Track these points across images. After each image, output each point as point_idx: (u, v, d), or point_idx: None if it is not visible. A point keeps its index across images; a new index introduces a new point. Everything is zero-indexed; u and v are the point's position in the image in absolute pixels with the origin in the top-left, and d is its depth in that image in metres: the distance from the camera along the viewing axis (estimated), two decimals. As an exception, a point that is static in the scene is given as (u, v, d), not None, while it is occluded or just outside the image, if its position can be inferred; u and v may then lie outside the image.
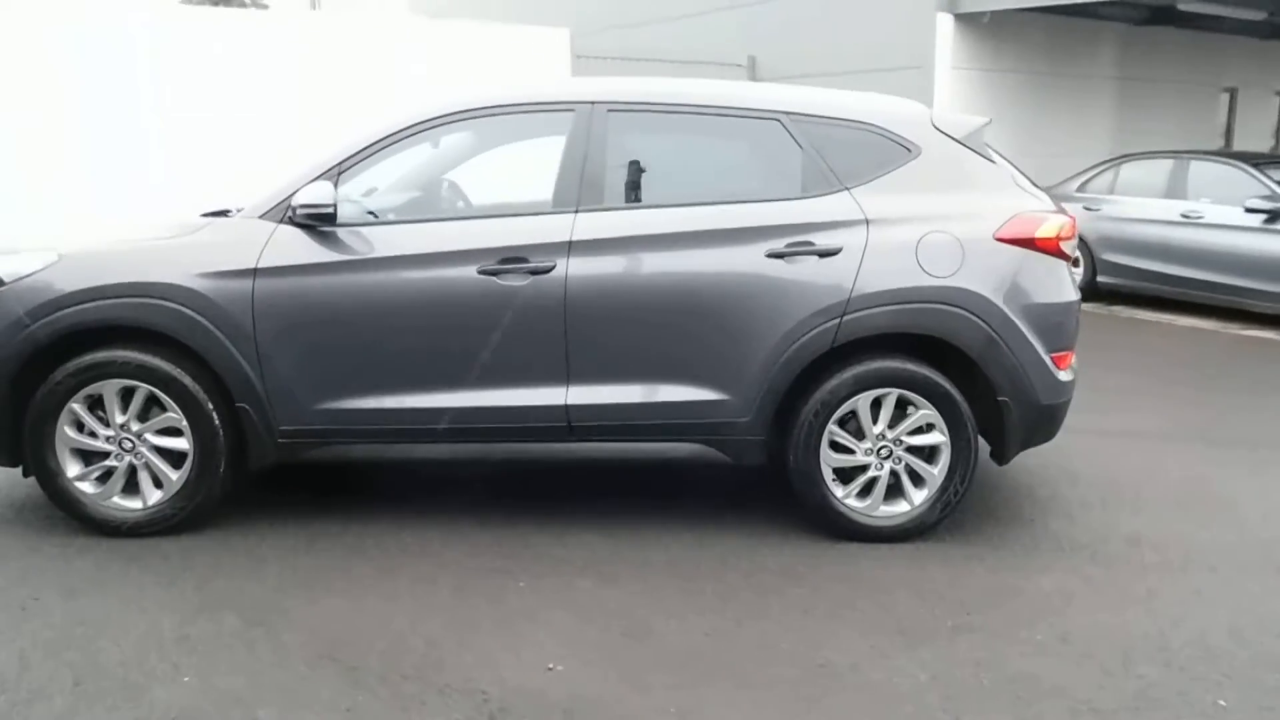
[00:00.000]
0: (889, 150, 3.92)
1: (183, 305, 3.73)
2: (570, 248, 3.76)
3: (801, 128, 3.92)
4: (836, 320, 3.75)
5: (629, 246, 3.81)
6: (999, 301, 3.78)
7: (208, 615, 3.30)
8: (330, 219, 3.72)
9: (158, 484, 3.88)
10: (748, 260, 3.76)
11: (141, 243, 3.96)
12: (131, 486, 3.88)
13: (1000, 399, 3.87)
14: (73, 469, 3.84)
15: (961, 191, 3.93)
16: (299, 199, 3.69)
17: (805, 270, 3.75)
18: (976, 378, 3.85)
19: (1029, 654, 3.12)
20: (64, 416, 3.79)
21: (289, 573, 3.63)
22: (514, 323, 3.76)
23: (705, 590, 3.53)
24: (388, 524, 4.03)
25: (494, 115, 3.98)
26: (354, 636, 3.18)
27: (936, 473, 3.88)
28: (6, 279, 3.81)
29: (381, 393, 3.84)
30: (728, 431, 3.87)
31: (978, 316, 3.78)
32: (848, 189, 3.86)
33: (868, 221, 3.81)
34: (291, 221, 3.75)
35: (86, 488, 3.86)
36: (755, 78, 11.64)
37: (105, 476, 3.87)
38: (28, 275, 3.80)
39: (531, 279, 3.73)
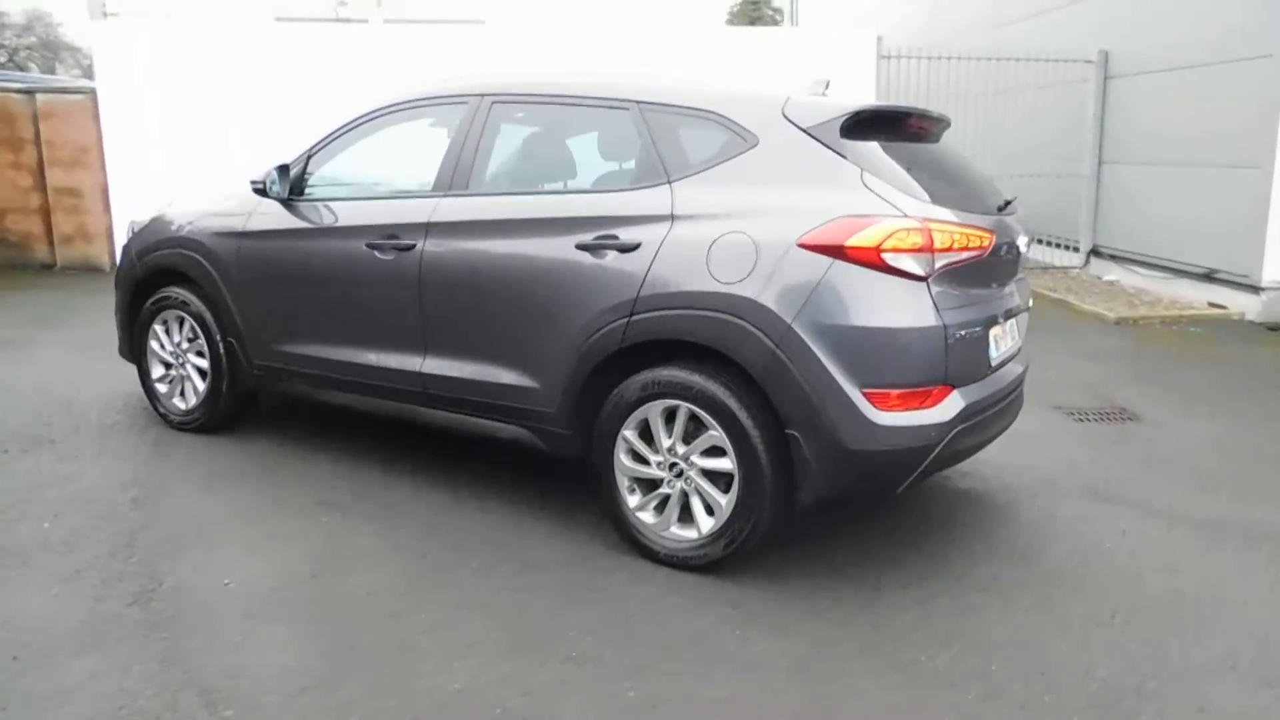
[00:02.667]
0: (728, 141, 3.43)
1: (201, 258, 4.63)
2: (428, 229, 3.92)
3: (650, 117, 3.59)
4: (625, 319, 3.42)
5: (469, 231, 3.85)
6: (787, 316, 3.14)
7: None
8: (263, 193, 4.33)
9: (195, 392, 4.84)
10: (558, 251, 3.59)
11: (196, 206, 4.91)
12: (183, 391, 4.90)
13: (788, 431, 3.20)
14: (157, 371, 4.97)
15: (790, 188, 3.30)
16: (251, 177, 4.36)
17: (607, 265, 3.47)
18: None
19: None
20: (150, 333, 4.93)
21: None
22: (385, 293, 4.04)
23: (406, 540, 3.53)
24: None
25: (415, 108, 4.23)
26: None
27: (724, 504, 3.34)
28: (135, 228, 5.05)
29: (309, 342, 4.38)
30: (538, 420, 3.73)
31: (760, 331, 3.18)
32: (669, 182, 3.47)
33: (673, 217, 3.40)
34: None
35: (161, 387, 4.96)
36: (1108, 74, 9.69)
37: (173, 381, 4.93)
38: (142, 226, 4.99)
39: (397, 255, 3.96)
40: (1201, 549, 3.72)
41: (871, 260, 3.09)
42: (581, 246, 3.52)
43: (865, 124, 3.38)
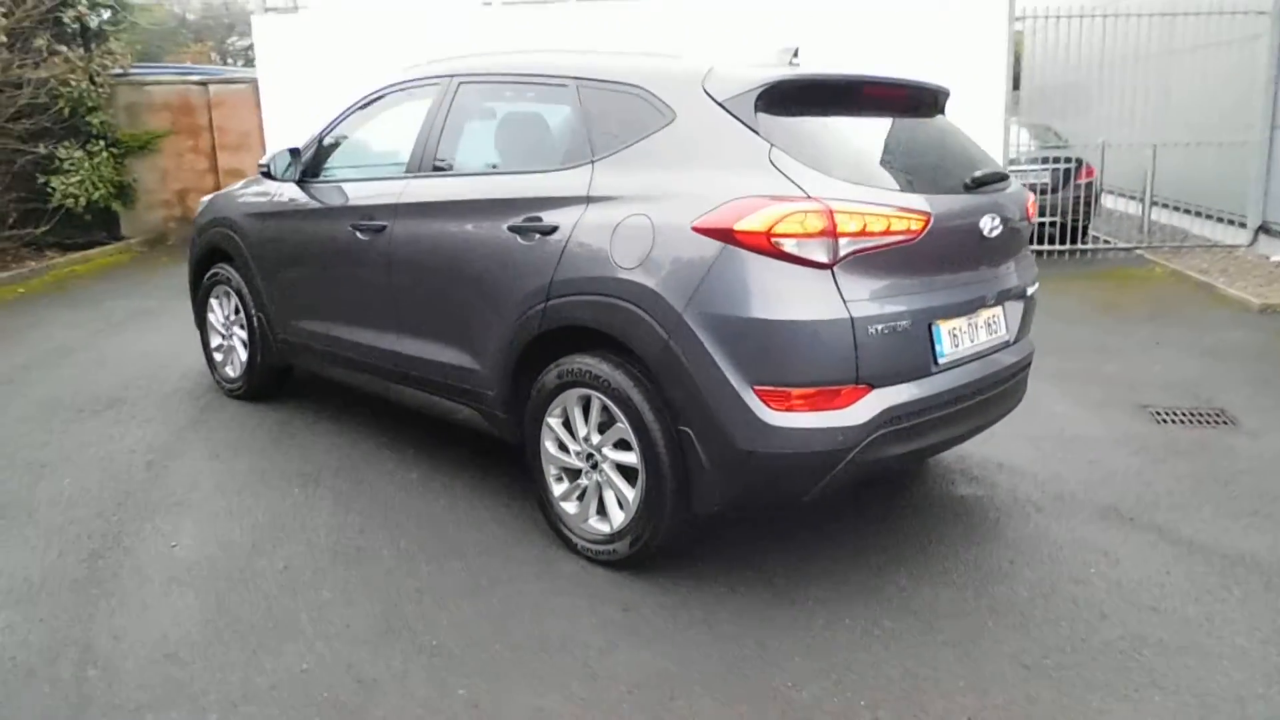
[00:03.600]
0: (649, 117, 3.19)
1: (238, 236, 4.85)
2: (396, 211, 3.90)
3: (586, 94, 3.40)
4: (543, 304, 3.28)
5: (426, 212, 3.80)
6: (678, 305, 2.88)
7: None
8: (268, 174, 4.46)
9: (239, 362, 5.10)
10: (493, 232, 3.47)
11: (239, 187, 5.12)
12: (231, 361, 5.16)
13: (680, 428, 2.95)
14: (214, 341, 5.27)
15: (698, 167, 3.03)
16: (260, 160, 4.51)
17: (532, 248, 3.33)
18: None
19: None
20: (208, 305, 5.24)
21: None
22: (366, 273, 4.08)
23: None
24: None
25: (405, 89, 4.20)
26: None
27: (631, 500, 3.14)
28: (203, 205, 5.37)
29: (313, 319, 4.51)
30: (481, 402, 3.65)
31: (654, 320, 2.94)
32: (593, 162, 3.27)
33: (588, 199, 3.20)
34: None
35: (218, 356, 5.26)
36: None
37: (225, 351, 5.21)
38: (206, 204, 5.30)
39: (372, 236, 3.98)
40: (1202, 590, 3.13)
41: (762, 246, 2.77)
42: (512, 228, 3.39)
43: (790, 96, 3.04)
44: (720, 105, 3.01)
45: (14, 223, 9.69)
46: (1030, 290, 3.57)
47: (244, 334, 4.99)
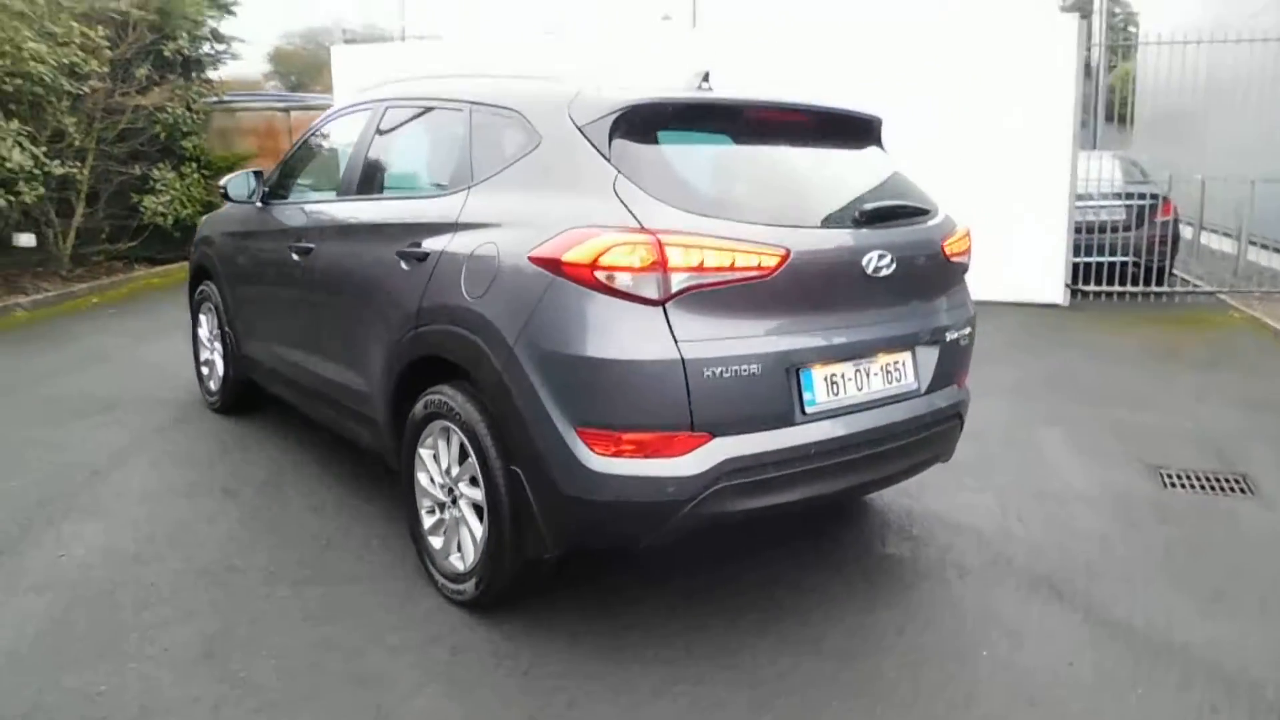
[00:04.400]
0: (521, 141, 3.03)
1: (214, 254, 4.95)
2: (322, 233, 3.88)
3: (474, 118, 3.27)
4: (413, 331, 3.15)
5: (342, 235, 3.78)
6: (510, 338, 2.70)
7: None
8: (226, 196, 4.51)
9: (218, 376, 5.17)
10: (385, 256, 3.37)
11: (230, 207, 5.19)
12: (211, 374, 5.24)
13: (512, 467, 2.76)
14: (203, 355, 5.37)
15: (551, 194, 2.85)
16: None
17: (410, 274, 3.21)
18: None
19: None
20: (196, 321, 5.36)
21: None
22: (297, 293, 4.06)
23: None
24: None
25: (348, 114, 4.17)
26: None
27: (479, 539, 2.96)
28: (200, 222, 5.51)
29: (262, 339, 4.54)
30: (375, 428, 3.54)
31: (490, 351, 2.77)
32: (470, 186, 3.13)
33: (457, 225, 3.06)
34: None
35: (204, 370, 5.35)
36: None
37: (207, 365, 5.29)
38: (201, 222, 5.43)
39: (302, 258, 3.96)
40: (1102, 685, 2.69)
41: (586, 279, 2.56)
42: (399, 253, 3.28)
43: (651, 120, 2.82)
44: (579, 130, 2.82)
45: (105, 237, 10.30)
46: (953, 335, 3.21)
47: (222, 349, 5.07)
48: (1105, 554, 3.52)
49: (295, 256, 4.00)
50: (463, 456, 3.00)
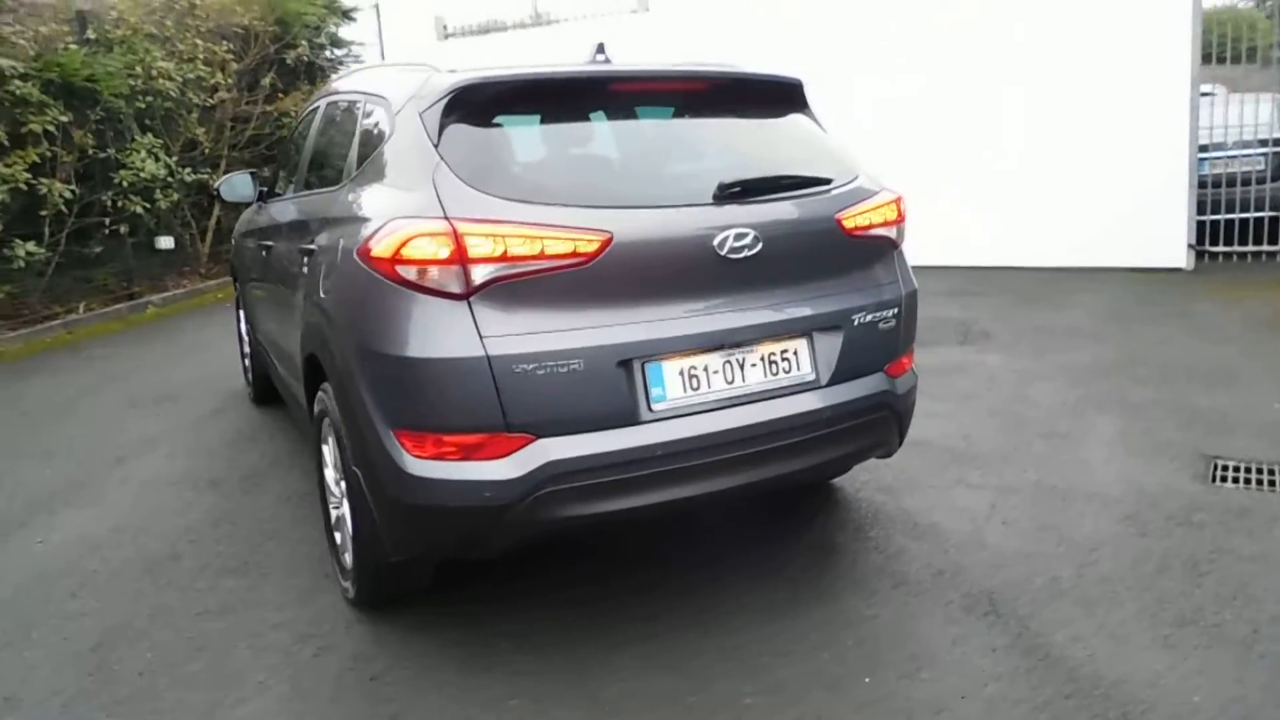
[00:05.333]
0: (384, 131, 2.91)
1: (234, 255, 5.13)
2: (276, 230, 3.94)
3: (364, 110, 3.19)
4: (301, 328, 3.11)
5: (280, 233, 3.81)
6: (341, 334, 2.63)
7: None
8: (216, 196, 4.64)
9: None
10: (292, 254, 3.36)
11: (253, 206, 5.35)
12: (250, 368, 5.46)
13: (353, 467, 2.65)
14: (246, 349, 5.60)
15: (388, 185, 2.71)
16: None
17: (303, 271, 3.17)
18: None
19: None
20: (239, 315, 5.59)
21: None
22: (265, 288, 4.13)
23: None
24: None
25: (308, 112, 4.17)
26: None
27: (351, 541, 2.89)
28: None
29: (257, 329, 4.63)
30: (303, 425, 3.54)
31: (334, 350, 2.68)
32: (350, 180, 3.04)
33: (329, 221, 2.99)
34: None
35: (246, 363, 5.58)
36: None
37: (248, 359, 5.52)
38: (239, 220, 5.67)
39: (266, 253, 4.03)
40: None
41: (390, 274, 2.40)
42: (299, 250, 3.25)
43: (487, 102, 2.63)
44: (418, 117, 2.66)
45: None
46: (868, 318, 2.82)
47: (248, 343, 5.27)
48: (1081, 569, 3.02)
49: (264, 253, 4.06)
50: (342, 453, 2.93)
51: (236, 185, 4.60)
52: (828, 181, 2.85)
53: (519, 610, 2.93)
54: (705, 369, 2.57)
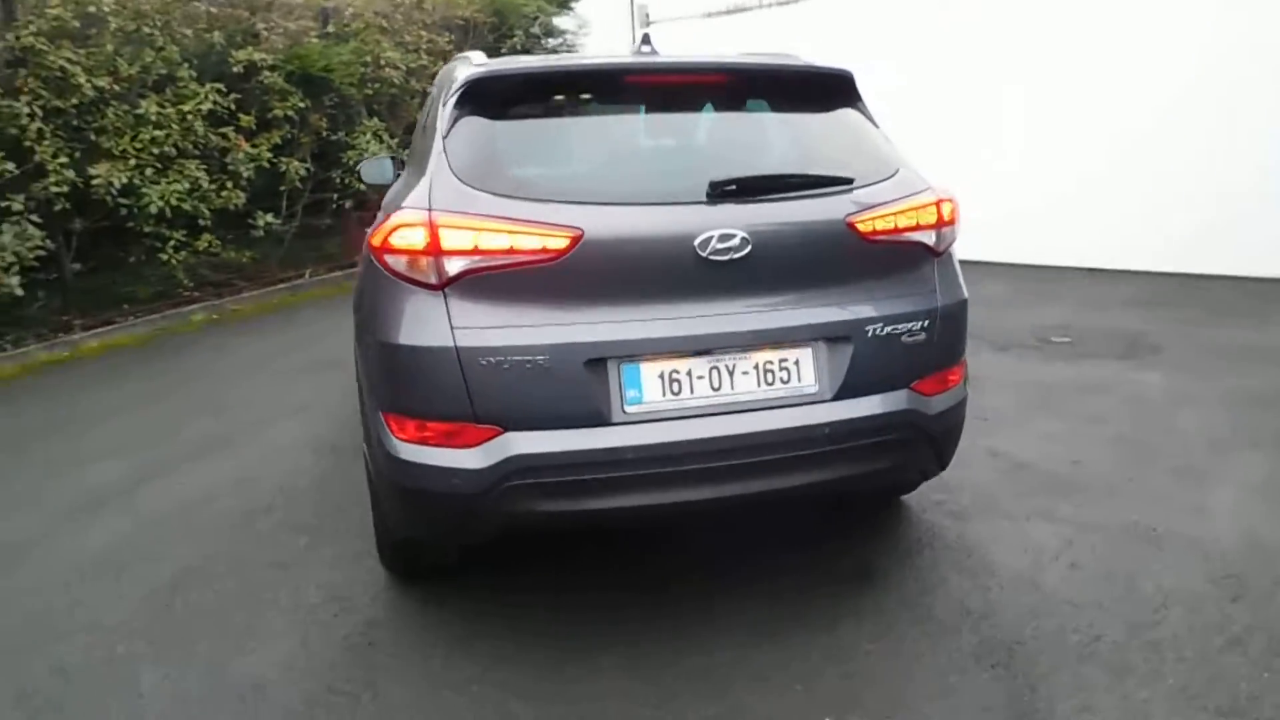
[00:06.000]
0: (428, 123, 3.01)
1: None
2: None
3: (434, 99, 3.29)
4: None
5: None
6: (358, 318, 2.80)
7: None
8: (357, 176, 4.90)
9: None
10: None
11: None
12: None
13: (365, 447, 2.80)
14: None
15: (414, 176, 2.81)
16: None
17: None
18: None
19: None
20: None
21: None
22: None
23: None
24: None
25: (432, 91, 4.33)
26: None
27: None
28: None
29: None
30: None
31: (357, 335, 2.85)
32: (409, 169, 3.18)
33: (387, 207, 3.13)
34: None
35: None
36: None
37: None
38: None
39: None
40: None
41: (381, 261, 2.49)
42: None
43: (501, 93, 2.64)
44: (444, 109, 2.72)
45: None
46: (889, 330, 2.58)
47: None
48: (1135, 629, 2.63)
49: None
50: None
51: (377, 167, 4.84)
52: (848, 181, 2.62)
53: (528, 599, 2.96)
54: (688, 374, 2.47)
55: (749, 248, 2.42)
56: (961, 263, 2.83)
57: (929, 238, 2.67)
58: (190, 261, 7.99)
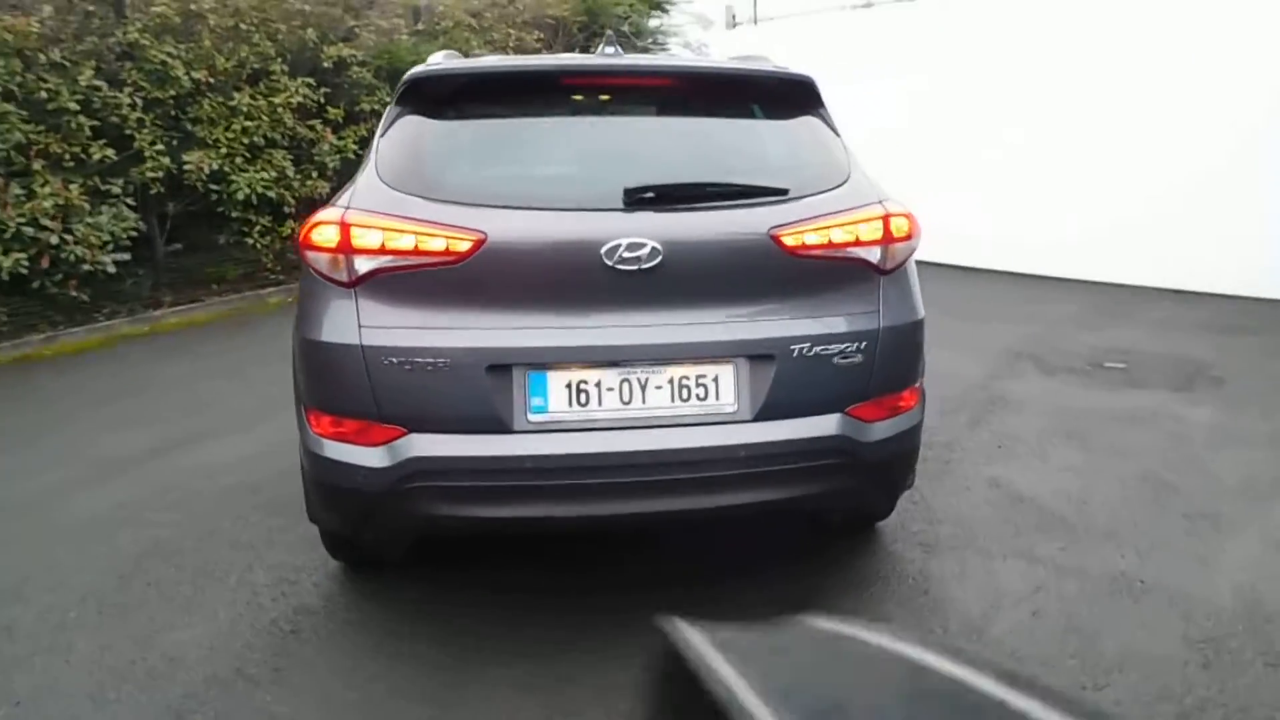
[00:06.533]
0: None
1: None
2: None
3: None
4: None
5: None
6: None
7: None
8: None
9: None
10: None
11: None
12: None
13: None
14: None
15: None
16: None
17: None
18: None
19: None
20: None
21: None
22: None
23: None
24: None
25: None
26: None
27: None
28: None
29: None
30: None
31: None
32: None
33: None
34: None
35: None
36: None
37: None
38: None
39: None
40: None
41: (304, 258, 2.47)
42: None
43: (436, 93, 2.59)
44: (389, 106, 2.70)
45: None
46: (819, 350, 2.40)
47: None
48: (1076, 691, 2.37)
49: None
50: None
51: None
52: (782, 192, 2.45)
53: (470, 598, 2.91)
54: (598, 385, 2.36)
55: (660, 258, 2.30)
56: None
57: (872, 254, 2.48)
58: (276, 246, 8.33)
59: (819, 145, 2.64)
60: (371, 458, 2.39)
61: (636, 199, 2.36)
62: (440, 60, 2.87)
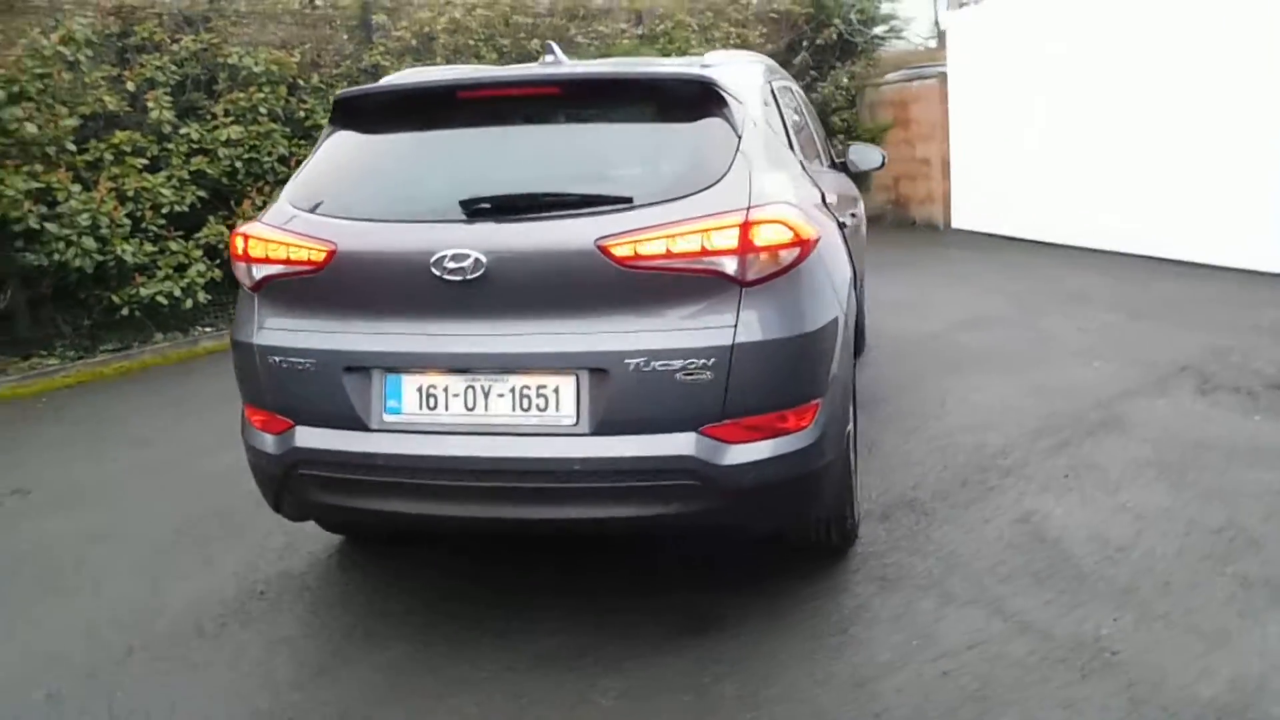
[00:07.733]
0: None
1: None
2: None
3: None
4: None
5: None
6: None
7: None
8: None
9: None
10: None
11: None
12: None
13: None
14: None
15: None
16: None
17: None
18: None
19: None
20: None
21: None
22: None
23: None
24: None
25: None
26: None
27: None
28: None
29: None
30: None
31: None
32: None
33: None
34: None
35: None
36: None
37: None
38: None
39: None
40: None
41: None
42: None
43: (359, 110, 2.72)
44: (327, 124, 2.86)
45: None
46: (659, 365, 2.22)
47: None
48: None
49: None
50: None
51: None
52: (626, 200, 2.28)
53: (451, 586, 3.00)
54: (445, 390, 2.37)
55: (483, 270, 2.26)
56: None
57: (726, 264, 2.23)
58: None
59: (698, 148, 2.41)
60: (271, 445, 2.58)
61: (474, 210, 2.34)
62: (402, 76, 2.99)
